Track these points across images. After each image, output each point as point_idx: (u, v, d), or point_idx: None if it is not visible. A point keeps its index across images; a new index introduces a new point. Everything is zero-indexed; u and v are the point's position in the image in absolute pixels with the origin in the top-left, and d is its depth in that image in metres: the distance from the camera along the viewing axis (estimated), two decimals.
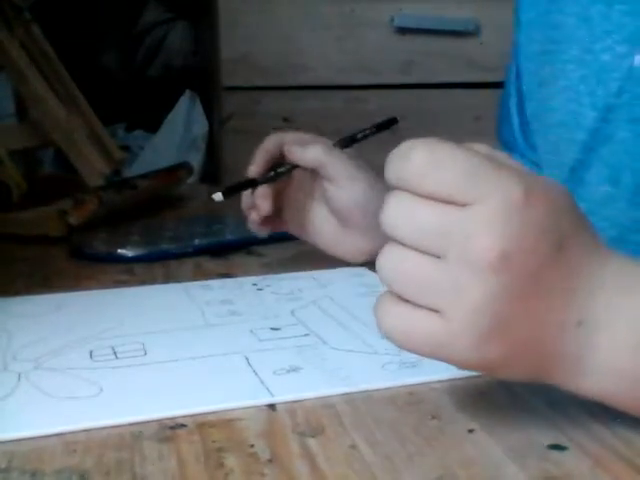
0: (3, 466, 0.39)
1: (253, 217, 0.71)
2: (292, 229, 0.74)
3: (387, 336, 0.39)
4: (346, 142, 0.72)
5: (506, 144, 0.79)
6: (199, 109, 1.67)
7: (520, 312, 0.37)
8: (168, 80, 1.76)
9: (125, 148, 1.55)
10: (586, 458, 0.39)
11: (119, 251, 0.77)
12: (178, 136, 1.63)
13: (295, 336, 0.55)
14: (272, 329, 0.57)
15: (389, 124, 0.75)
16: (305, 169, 0.70)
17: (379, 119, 0.76)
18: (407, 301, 0.38)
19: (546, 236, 0.38)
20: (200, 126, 1.66)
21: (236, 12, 1.44)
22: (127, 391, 0.47)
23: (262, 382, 0.48)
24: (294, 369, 0.49)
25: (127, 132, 1.72)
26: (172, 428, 0.43)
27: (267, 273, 0.71)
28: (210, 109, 1.67)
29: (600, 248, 0.40)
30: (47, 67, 1.05)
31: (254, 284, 0.68)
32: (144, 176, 1.02)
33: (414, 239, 0.38)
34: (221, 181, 1.51)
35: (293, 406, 0.45)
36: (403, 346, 0.39)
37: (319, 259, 0.73)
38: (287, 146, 0.70)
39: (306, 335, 0.56)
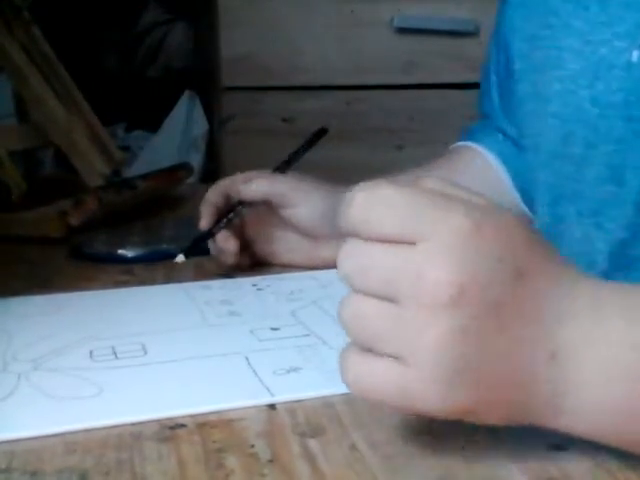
0: (3, 466, 0.39)
1: (226, 259, 0.72)
2: (266, 258, 0.75)
3: (351, 389, 0.38)
4: (285, 165, 0.75)
5: (487, 116, 0.79)
6: (199, 109, 1.67)
7: (485, 348, 0.36)
8: (168, 80, 1.76)
9: (125, 148, 1.55)
10: (586, 459, 0.39)
11: (119, 251, 0.77)
12: (178, 136, 1.63)
13: (295, 336, 0.55)
14: (272, 329, 0.57)
15: (319, 135, 0.78)
16: (255, 204, 0.73)
17: (379, 120, 0.77)
18: (370, 351, 0.37)
19: (502, 265, 0.36)
20: (200, 126, 1.66)
21: (236, 12, 1.44)
22: (127, 391, 0.47)
23: (262, 382, 0.48)
24: (294, 369, 0.49)
25: (127, 132, 1.72)
26: (172, 428, 0.43)
27: (267, 273, 0.71)
28: (210, 109, 1.67)
29: (567, 275, 0.38)
30: (47, 68, 1.05)
31: (254, 284, 0.68)
32: (144, 176, 1.02)
33: (366, 285, 0.37)
34: None
35: (293, 406, 0.45)
36: (368, 398, 0.38)
37: None
38: (233, 186, 0.72)
39: (306, 335, 0.56)
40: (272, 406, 0.45)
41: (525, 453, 0.39)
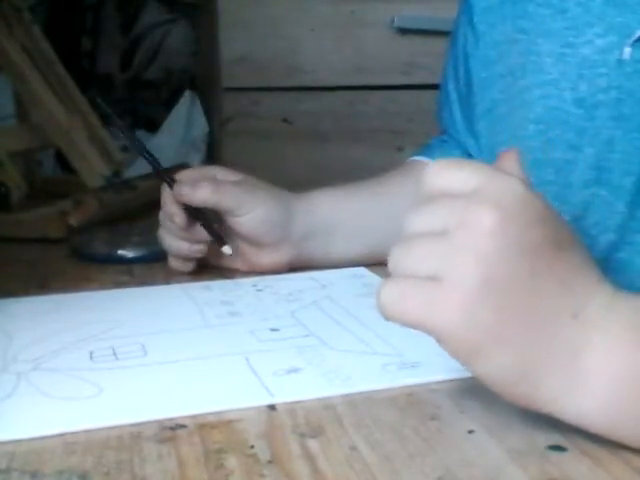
0: (3, 467, 0.39)
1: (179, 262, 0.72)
2: (206, 259, 0.74)
3: (381, 306, 0.40)
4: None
5: (446, 129, 0.79)
6: (199, 110, 1.67)
7: (512, 284, 0.38)
8: (168, 81, 1.76)
9: (125, 149, 1.55)
10: (586, 459, 0.39)
11: (119, 252, 0.77)
12: (178, 137, 1.63)
13: (295, 337, 0.55)
14: (272, 330, 0.57)
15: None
16: None
17: (379, 120, 0.76)
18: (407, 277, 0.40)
19: (547, 225, 0.39)
20: (200, 127, 1.66)
21: (236, 13, 1.44)
22: (127, 392, 0.47)
23: (262, 383, 0.48)
24: (294, 370, 0.49)
25: None
26: (172, 429, 0.43)
27: (267, 274, 0.71)
28: (210, 110, 1.67)
29: (596, 272, 0.41)
30: (47, 68, 1.04)
31: (254, 285, 0.68)
32: (144, 177, 1.02)
33: (425, 226, 0.40)
34: None
35: (293, 407, 0.45)
36: (394, 312, 0.40)
37: None
38: (176, 188, 0.70)
39: (306, 336, 0.56)
40: (272, 407, 0.45)
41: (525, 453, 0.39)
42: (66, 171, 1.14)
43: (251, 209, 0.70)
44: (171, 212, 0.70)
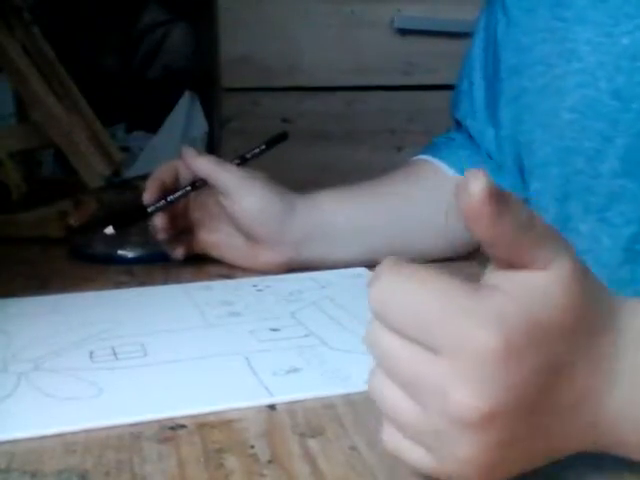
0: (3, 466, 0.39)
1: (162, 238, 0.73)
2: (205, 249, 0.75)
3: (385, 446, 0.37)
4: (239, 162, 0.74)
5: (463, 120, 0.78)
6: (199, 110, 1.67)
7: (522, 453, 0.35)
8: (168, 81, 1.76)
9: (125, 149, 1.55)
10: (586, 459, 0.38)
11: (119, 252, 0.77)
12: (178, 137, 1.63)
13: (295, 337, 0.55)
14: (272, 330, 0.57)
15: (279, 139, 0.77)
16: (199, 189, 0.72)
17: (379, 120, 0.76)
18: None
19: (536, 377, 0.33)
20: (200, 127, 1.66)
21: (236, 13, 1.44)
22: (127, 392, 0.47)
23: (262, 383, 0.48)
24: (294, 370, 0.50)
25: (127, 133, 1.72)
26: (172, 429, 0.43)
27: (267, 274, 0.71)
28: (210, 110, 1.67)
29: (607, 345, 0.35)
30: (47, 68, 1.04)
31: (254, 285, 0.68)
32: (144, 177, 1.02)
33: (390, 372, 0.35)
34: None
35: (293, 407, 0.45)
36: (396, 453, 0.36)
37: None
38: (184, 151, 0.72)
39: (306, 336, 0.56)
40: (272, 406, 0.45)
41: None
42: (66, 171, 1.14)
43: (248, 194, 0.70)
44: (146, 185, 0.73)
